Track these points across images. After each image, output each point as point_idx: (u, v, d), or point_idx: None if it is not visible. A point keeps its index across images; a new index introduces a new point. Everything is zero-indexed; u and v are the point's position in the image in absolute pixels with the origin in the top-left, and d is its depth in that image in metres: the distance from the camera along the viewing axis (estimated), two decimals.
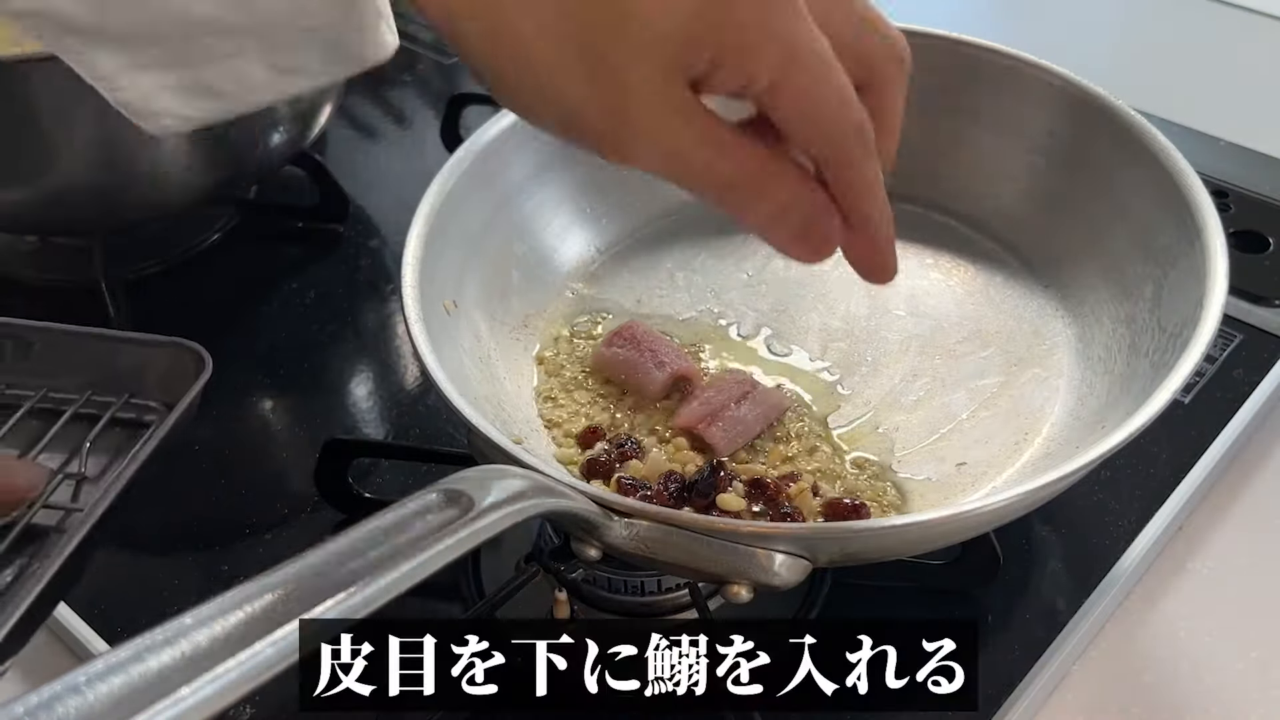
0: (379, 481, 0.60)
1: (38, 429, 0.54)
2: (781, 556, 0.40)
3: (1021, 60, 0.57)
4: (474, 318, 0.54)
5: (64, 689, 0.24)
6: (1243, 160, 0.75)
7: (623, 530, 0.40)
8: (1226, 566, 0.55)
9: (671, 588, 0.51)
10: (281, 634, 0.27)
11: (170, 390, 0.54)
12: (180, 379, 0.53)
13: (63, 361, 0.56)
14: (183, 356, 0.54)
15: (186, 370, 0.53)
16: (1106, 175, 0.55)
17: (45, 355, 0.56)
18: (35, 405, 0.55)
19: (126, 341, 0.56)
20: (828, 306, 0.58)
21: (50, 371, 0.55)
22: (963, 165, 0.60)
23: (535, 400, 0.54)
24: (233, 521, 0.59)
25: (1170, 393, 0.42)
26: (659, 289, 0.60)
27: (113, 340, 0.56)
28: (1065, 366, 0.53)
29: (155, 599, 0.55)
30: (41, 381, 0.55)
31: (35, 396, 0.55)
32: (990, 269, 0.59)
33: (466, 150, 0.55)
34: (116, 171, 0.63)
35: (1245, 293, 0.65)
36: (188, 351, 0.54)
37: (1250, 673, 0.51)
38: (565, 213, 0.60)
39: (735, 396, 0.51)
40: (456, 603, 0.53)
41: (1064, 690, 0.50)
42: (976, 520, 0.43)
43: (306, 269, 0.75)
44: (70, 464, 0.53)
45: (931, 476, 0.50)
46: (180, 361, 0.54)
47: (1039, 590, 0.53)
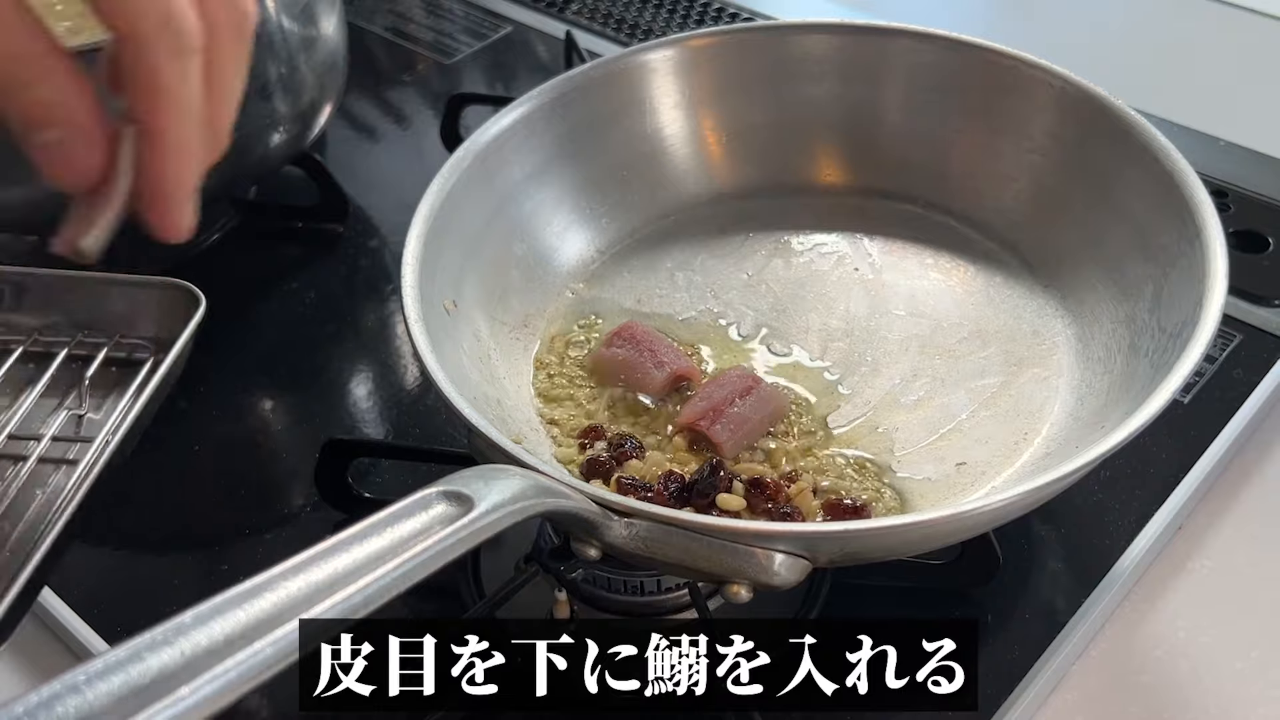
0: (379, 481, 0.60)
1: (33, 371, 0.54)
2: (781, 556, 0.40)
3: (1021, 60, 0.57)
4: (474, 318, 0.54)
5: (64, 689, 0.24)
6: (1243, 160, 0.75)
7: (623, 530, 0.40)
8: (1226, 566, 0.55)
9: (671, 588, 0.51)
10: (281, 634, 0.27)
11: (164, 328, 0.54)
12: (173, 317, 0.54)
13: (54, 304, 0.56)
14: (174, 294, 0.54)
15: (179, 308, 0.54)
16: (1106, 175, 0.55)
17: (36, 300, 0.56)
18: (27, 349, 0.55)
19: (116, 283, 0.56)
20: (827, 306, 0.58)
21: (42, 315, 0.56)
22: (963, 165, 0.60)
23: (535, 400, 0.54)
24: (233, 521, 0.59)
25: (1170, 393, 0.42)
26: (659, 289, 0.60)
27: (103, 282, 0.56)
28: (1065, 366, 0.53)
29: (155, 599, 0.55)
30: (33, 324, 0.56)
31: (27, 341, 0.55)
32: (990, 269, 0.59)
33: (466, 150, 0.55)
34: None
35: (1245, 293, 0.65)
36: (179, 290, 0.54)
37: (1250, 673, 0.51)
38: (565, 213, 0.60)
39: (738, 391, 0.51)
40: (456, 603, 0.53)
41: (1064, 690, 0.50)
42: (976, 520, 0.43)
43: (306, 269, 0.75)
44: (69, 400, 0.53)
45: (931, 476, 0.50)
46: (172, 299, 0.54)
47: (1039, 590, 0.53)
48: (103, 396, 0.54)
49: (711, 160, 0.63)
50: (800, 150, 0.63)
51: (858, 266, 0.60)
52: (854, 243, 0.61)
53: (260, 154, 0.68)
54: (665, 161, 0.62)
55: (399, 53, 0.95)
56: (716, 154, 0.63)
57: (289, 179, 0.77)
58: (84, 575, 0.56)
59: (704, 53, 0.61)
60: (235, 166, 0.68)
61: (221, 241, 0.77)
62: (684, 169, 0.63)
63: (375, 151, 0.86)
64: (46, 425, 0.52)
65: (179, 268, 0.75)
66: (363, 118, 0.88)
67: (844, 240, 0.61)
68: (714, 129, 0.63)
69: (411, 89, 0.91)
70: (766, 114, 0.63)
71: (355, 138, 0.87)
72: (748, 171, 0.64)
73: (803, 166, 0.63)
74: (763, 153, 0.63)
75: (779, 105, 0.62)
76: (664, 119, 0.62)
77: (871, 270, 0.59)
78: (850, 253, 0.61)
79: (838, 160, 0.63)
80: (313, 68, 0.69)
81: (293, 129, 0.69)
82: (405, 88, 0.91)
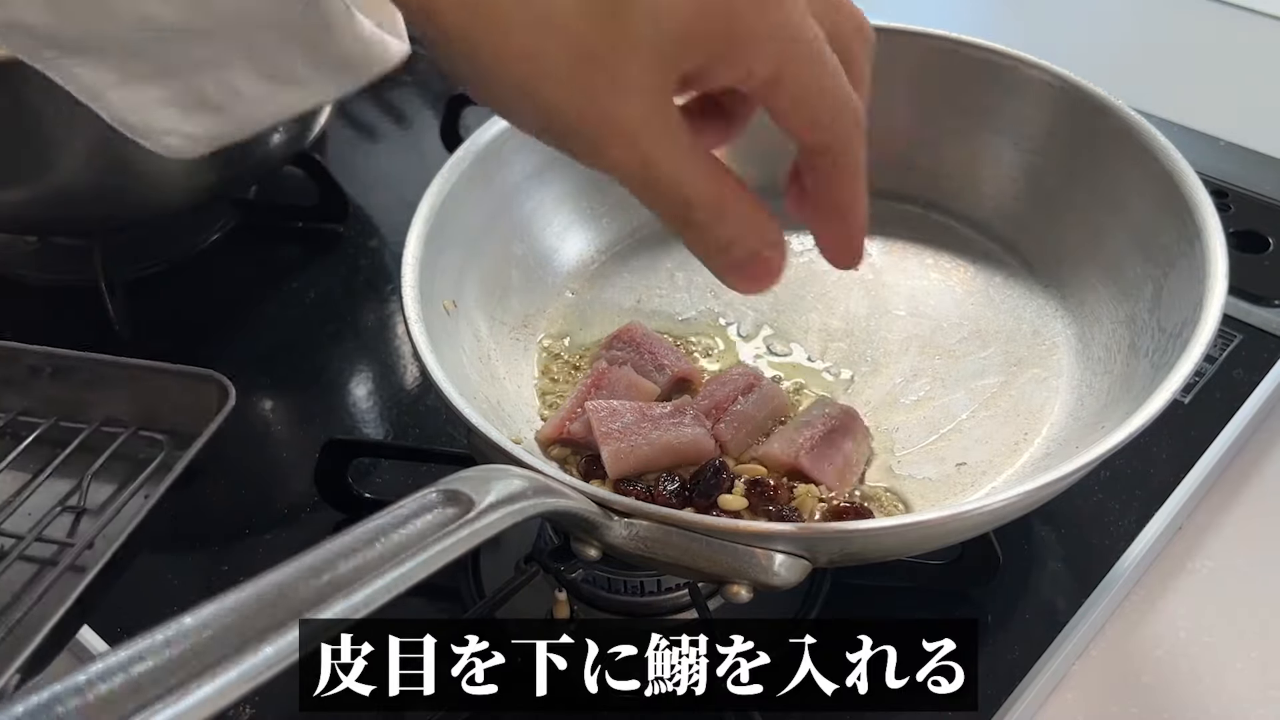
0: (379, 481, 0.60)
1: (46, 455, 0.54)
2: (781, 556, 0.40)
3: (1021, 60, 0.57)
4: (474, 318, 0.54)
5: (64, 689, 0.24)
6: (1243, 160, 0.75)
7: (623, 530, 0.40)
8: (1226, 566, 0.55)
9: (671, 588, 0.51)
10: (281, 634, 0.27)
11: (186, 420, 0.53)
12: (199, 409, 0.52)
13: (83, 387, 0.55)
14: (205, 387, 0.53)
15: (208, 401, 0.52)
16: (1106, 175, 0.55)
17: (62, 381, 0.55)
18: (42, 434, 0.54)
19: (149, 370, 0.55)
20: (827, 306, 0.58)
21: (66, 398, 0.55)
22: (963, 165, 0.60)
23: (535, 400, 0.54)
24: (233, 521, 0.59)
25: (1170, 393, 0.42)
26: (659, 289, 0.60)
27: (134, 369, 0.55)
28: (1065, 366, 0.53)
29: (155, 599, 0.55)
30: (54, 409, 0.54)
31: (45, 425, 0.54)
32: (990, 269, 0.59)
33: (466, 150, 0.55)
34: (116, 171, 0.63)
35: (1245, 293, 0.65)
36: (211, 382, 0.53)
37: (1250, 673, 0.51)
38: (565, 213, 0.60)
39: (740, 389, 0.51)
40: (456, 603, 0.53)
41: (1064, 690, 0.50)
42: (976, 520, 0.43)
43: (306, 269, 0.75)
44: (71, 497, 0.52)
45: (931, 476, 0.50)
46: (201, 392, 0.53)
47: (1039, 590, 0.53)
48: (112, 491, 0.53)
49: None
50: None
51: None
52: None
53: (260, 154, 0.68)
54: None
55: None
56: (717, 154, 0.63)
57: (289, 179, 0.77)
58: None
59: None
60: (235, 166, 0.68)
61: (221, 241, 0.77)
62: None
63: (375, 151, 0.86)
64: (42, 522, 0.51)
65: (180, 266, 0.75)
66: (363, 118, 0.88)
67: None
68: None
69: (411, 89, 0.91)
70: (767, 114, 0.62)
71: (355, 138, 0.87)
72: (748, 171, 0.63)
73: None
74: (763, 153, 0.63)
75: None
76: None
77: (871, 270, 0.59)
78: None
79: None
80: None
81: (293, 129, 0.69)
82: (405, 88, 0.91)
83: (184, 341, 0.70)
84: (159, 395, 0.54)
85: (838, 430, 0.50)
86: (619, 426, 0.48)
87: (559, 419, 0.50)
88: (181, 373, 0.54)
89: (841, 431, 0.50)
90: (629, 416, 0.49)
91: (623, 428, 0.48)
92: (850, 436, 0.50)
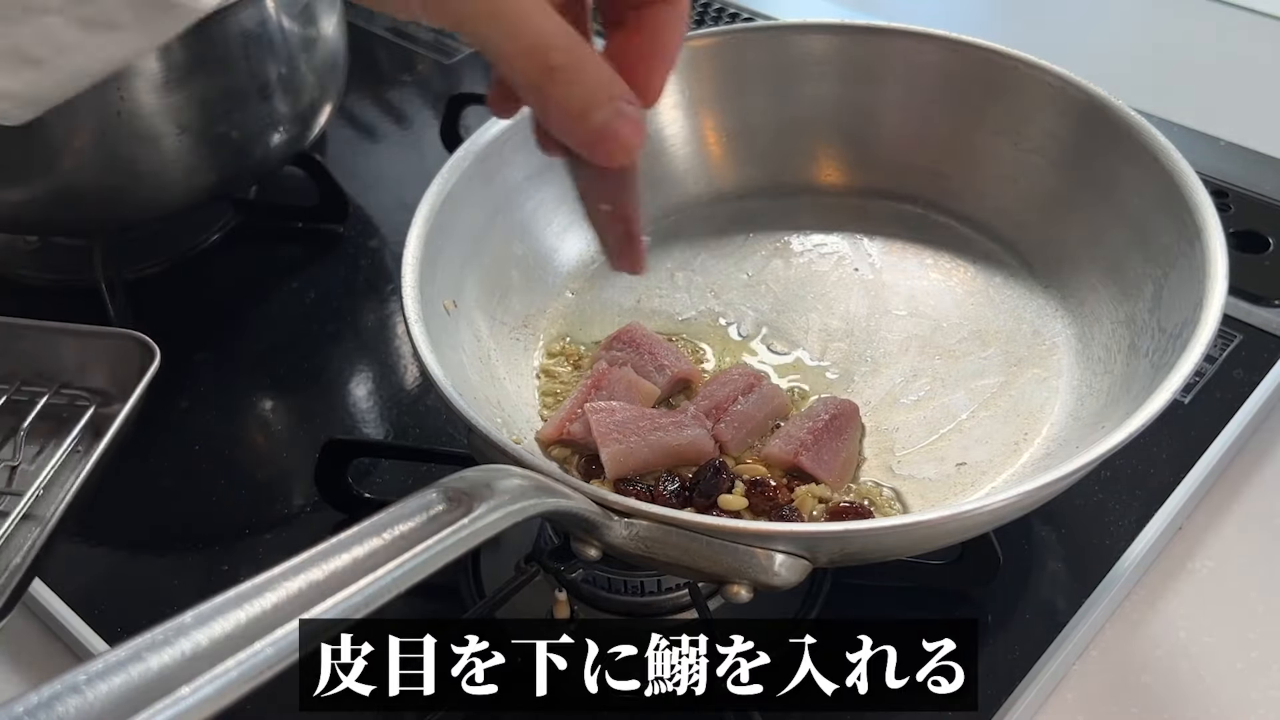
0: (379, 481, 0.60)
1: None
2: (781, 556, 0.40)
3: (1021, 60, 0.57)
4: (474, 318, 0.54)
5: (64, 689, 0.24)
6: (1243, 160, 0.75)
7: (623, 530, 0.40)
8: (1226, 566, 0.55)
9: (671, 588, 0.51)
10: (281, 634, 0.27)
11: (111, 381, 0.53)
12: (125, 369, 0.52)
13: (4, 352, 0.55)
14: (127, 346, 0.53)
15: (131, 360, 0.53)
16: (1106, 175, 0.55)
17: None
18: None
19: (68, 333, 0.55)
20: (827, 306, 0.58)
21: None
22: (963, 165, 0.60)
23: (535, 400, 0.54)
24: (233, 521, 0.59)
25: (1170, 393, 0.42)
26: (659, 289, 0.60)
27: (53, 330, 0.55)
28: (1065, 366, 0.53)
29: (155, 599, 0.55)
30: None
31: None
32: (990, 269, 0.59)
33: (466, 150, 0.55)
34: (117, 171, 0.63)
35: (1245, 293, 0.65)
36: (133, 341, 0.53)
37: (1250, 673, 0.51)
38: (565, 213, 0.60)
39: (741, 389, 0.51)
40: (456, 603, 0.53)
41: (1064, 690, 0.50)
42: (976, 520, 0.43)
43: (306, 269, 0.75)
44: (3, 451, 0.52)
45: (931, 476, 0.50)
46: (125, 351, 0.53)
47: (1039, 590, 0.53)
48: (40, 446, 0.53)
49: (712, 160, 0.63)
50: (800, 150, 0.63)
51: (858, 267, 0.60)
52: (854, 243, 0.61)
53: (260, 154, 0.68)
54: (665, 161, 0.62)
55: (399, 53, 0.95)
56: (717, 154, 0.63)
57: (289, 179, 0.77)
58: (84, 575, 0.56)
59: (704, 53, 0.61)
60: (235, 166, 0.68)
61: (221, 241, 0.77)
62: (684, 169, 0.63)
63: (375, 151, 0.86)
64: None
65: (180, 266, 0.75)
66: (363, 118, 0.88)
67: (844, 240, 0.61)
68: (714, 129, 0.63)
69: (411, 89, 0.91)
70: (766, 114, 0.63)
71: (355, 138, 0.87)
72: (748, 171, 0.64)
73: (803, 167, 0.63)
74: (763, 153, 0.63)
75: (779, 105, 0.62)
76: (664, 119, 0.62)
77: (871, 270, 0.59)
78: (850, 253, 0.61)
79: (838, 160, 0.63)
80: (313, 68, 0.69)
81: (293, 129, 0.69)
82: (405, 88, 0.91)
83: (184, 341, 0.70)
84: (82, 355, 0.55)
85: (837, 426, 0.50)
86: (619, 427, 0.48)
87: (559, 419, 0.50)
88: (101, 333, 0.54)
89: (841, 427, 0.50)
90: (629, 417, 0.49)
91: (622, 429, 0.48)
92: (849, 432, 0.50)
